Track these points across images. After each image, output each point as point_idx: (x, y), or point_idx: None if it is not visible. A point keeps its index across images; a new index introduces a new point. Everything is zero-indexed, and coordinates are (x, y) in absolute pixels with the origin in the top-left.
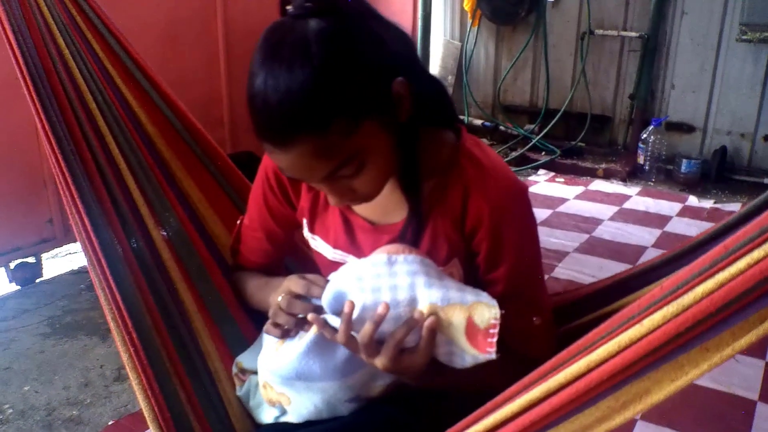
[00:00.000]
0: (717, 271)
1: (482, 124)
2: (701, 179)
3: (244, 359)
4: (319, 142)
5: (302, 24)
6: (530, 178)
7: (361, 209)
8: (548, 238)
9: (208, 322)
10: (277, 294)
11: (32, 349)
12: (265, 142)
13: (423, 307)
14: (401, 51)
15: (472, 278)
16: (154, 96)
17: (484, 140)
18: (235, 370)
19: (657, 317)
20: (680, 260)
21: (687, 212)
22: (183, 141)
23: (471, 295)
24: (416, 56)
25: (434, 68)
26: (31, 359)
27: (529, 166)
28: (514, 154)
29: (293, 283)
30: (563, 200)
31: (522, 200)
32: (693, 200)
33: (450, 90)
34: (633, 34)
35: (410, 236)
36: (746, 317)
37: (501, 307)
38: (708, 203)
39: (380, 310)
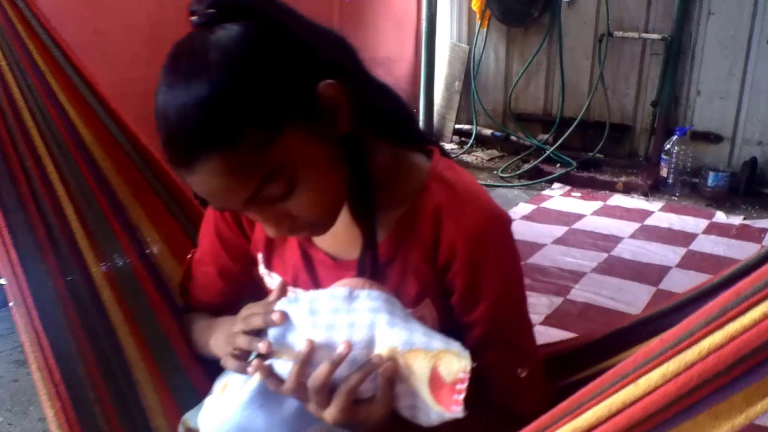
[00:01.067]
0: (727, 321)
1: (492, 133)
2: (729, 193)
3: (191, 417)
4: (228, 158)
5: (204, 33)
6: (544, 192)
7: (322, 242)
8: (564, 257)
9: (153, 372)
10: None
11: (5, 377)
12: (173, 165)
13: (381, 350)
14: (336, 56)
15: (448, 323)
16: (102, 114)
17: (494, 151)
18: (181, 429)
19: (655, 376)
20: (692, 306)
21: (714, 229)
22: (133, 165)
23: (439, 342)
24: (359, 64)
25: (440, 73)
26: (4, 388)
27: (543, 179)
28: (526, 166)
29: (244, 310)
30: (580, 216)
31: (502, 230)
32: (720, 216)
33: (457, 96)
34: (655, 36)
35: (368, 271)
36: (762, 377)
37: (480, 354)
38: (737, 219)
39: (341, 349)
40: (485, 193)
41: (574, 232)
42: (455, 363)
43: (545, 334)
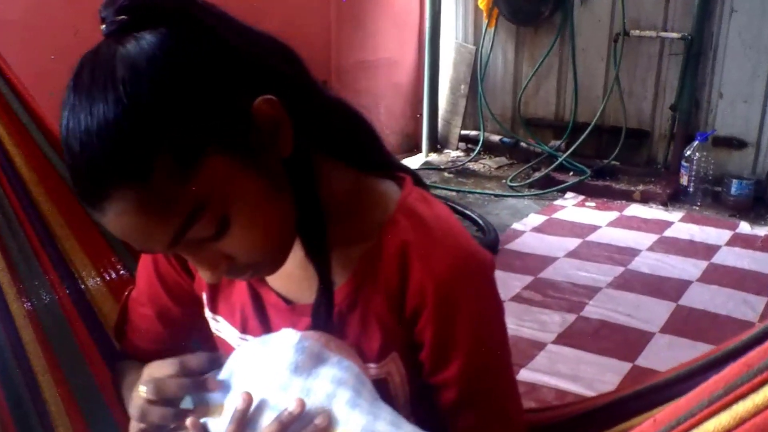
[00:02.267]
0: (735, 400)
1: (500, 140)
2: (754, 203)
3: None
4: (141, 195)
5: (112, 44)
6: (556, 202)
7: (275, 282)
8: (577, 272)
9: (79, 429)
10: (135, 391)
11: None
12: (81, 202)
13: (334, 429)
14: (276, 67)
15: (419, 381)
16: (34, 132)
17: (503, 159)
18: None
19: None
20: (692, 381)
21: (738, 241)
22: (69, 191)
23: None
24: (307, 75)
25: (445, 76)
26: None
27: (555, 188)
28: (537, 174)
29: (155, 367)
30: (594, 228)
31: (480, 275)
32: (745, 227)
33: (463, 101)
34: (674, 35)
35: (323, 319)
36: None
37: (455, 420)
38: (762, 230)
39: (293, 407)
40: (463, 231)
41: (589, 244)
42: None
43: (558, 354)
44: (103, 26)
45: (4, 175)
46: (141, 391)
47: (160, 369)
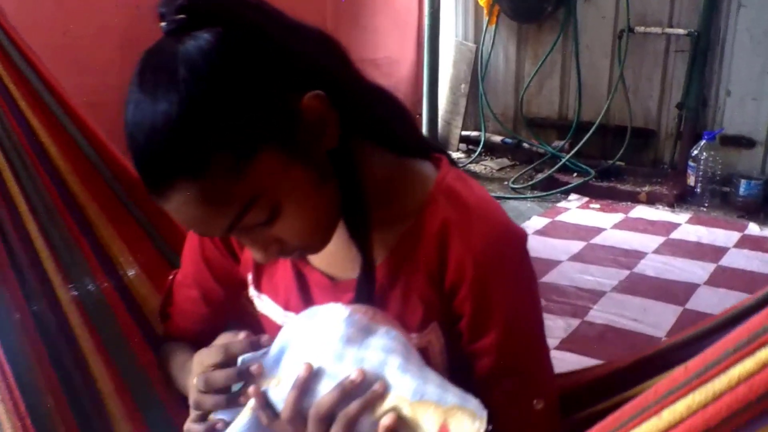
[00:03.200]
0: (758, 347)
1: (502, 140)
2: (764, 203)
3: None
4: (201, 187)
5: (173, 43)
6: (560, 204)
7: (318, 260)
8: (581, 276)
9: (127, 406)
10: (193, 377)
11: None
12: (146, 189)
13: (388, 395)
14: (322, 61)
15: (457, 349)
16: (67, 124)
17: (504, 160)
18: None
19: (680, 408)
20: (719, 333)
21: (747, 243)
22: (103, 180)
23: (454, 396)
24: (350, 67)
25: (444, 75)
26: None
27: (559, 190)
28: (540, 176)
29: (204, 355)
30: (599, 230)
31: (516, 250)
32: (754, 228)
33: (463, 100)
34: (680, 31)
35: (366, 295)
36: None
37: (491, 386)
38: None
39: (354, 376)
40: (499, 208)
41: (593, 247)
42: (468, 423)
43: (562, 360)
44: (163, 24)
45: (41, 166)
46: (194, 383)
47: (208, 357)
